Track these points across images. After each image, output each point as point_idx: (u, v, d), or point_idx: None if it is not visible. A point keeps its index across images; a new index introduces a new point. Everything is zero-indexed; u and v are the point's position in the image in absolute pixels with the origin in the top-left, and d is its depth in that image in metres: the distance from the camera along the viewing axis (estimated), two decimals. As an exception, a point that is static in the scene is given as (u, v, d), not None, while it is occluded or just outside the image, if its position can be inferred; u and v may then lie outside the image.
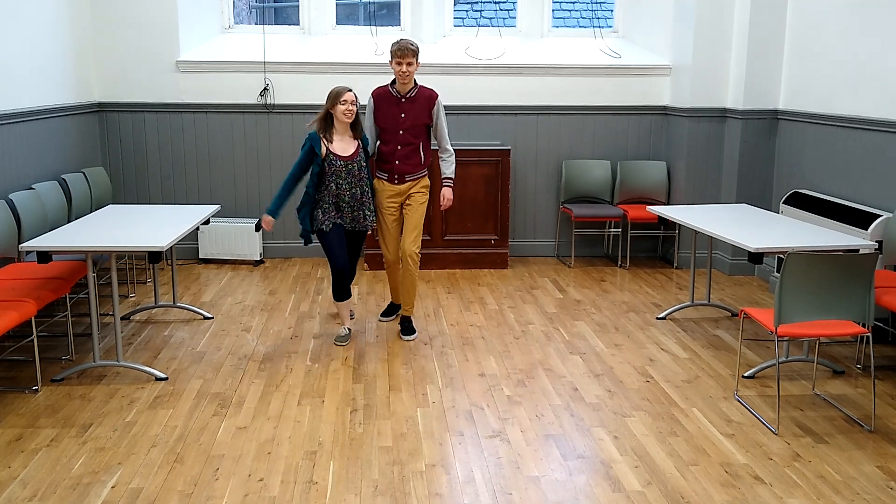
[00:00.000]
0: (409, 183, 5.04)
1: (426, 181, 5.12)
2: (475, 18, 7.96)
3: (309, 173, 4.87)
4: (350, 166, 4.83)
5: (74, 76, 6.45)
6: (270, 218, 4.91)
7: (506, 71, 7.09)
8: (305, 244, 5.03)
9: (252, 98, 6.95)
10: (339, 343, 5.01)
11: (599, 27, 7.50)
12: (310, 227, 4.92)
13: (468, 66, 7.06)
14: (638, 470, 3.47)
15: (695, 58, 6.69)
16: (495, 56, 7.15)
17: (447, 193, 5.10)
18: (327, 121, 4.85)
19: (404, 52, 4.80)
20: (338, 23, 7.37)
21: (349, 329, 5.10)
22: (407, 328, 5.19)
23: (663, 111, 7.23)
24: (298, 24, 7.34)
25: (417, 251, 5.05)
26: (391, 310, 5.52)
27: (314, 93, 5.16)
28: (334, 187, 4.84)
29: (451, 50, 7.18)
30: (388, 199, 5.06)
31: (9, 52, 5.40)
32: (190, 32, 6.94)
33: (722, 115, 6.77)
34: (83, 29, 6.61)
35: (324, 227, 4.87)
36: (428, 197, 5.13)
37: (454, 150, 5.15)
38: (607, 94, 7.18)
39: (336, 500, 3.21)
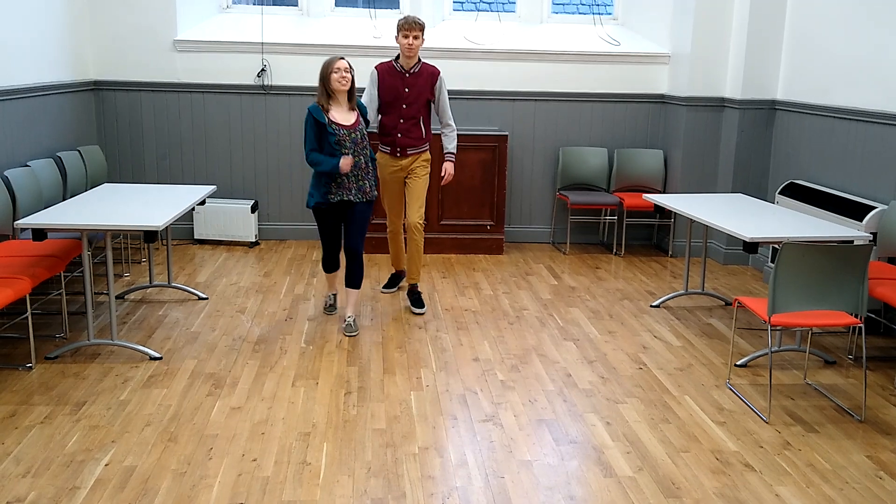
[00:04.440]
0: (410, 157, 5.19)
1: (427, 155, 5.27)
2: (474, 3, 7.92)
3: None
4: (353, 135, 4.73)
5: (71, 54, 6.41)
6: (348, 158, 4.66)
7: (504, 56, 7.07)
8: (308, 206, 4.86)
9: (249, 79, 6.92)
10: (328, 312, 5.23)
11: (599, 14, 7.48)
12: (318, 197, 4.76)
13: (467, 50, 7.03)
14: (629, 456, 3.49)
15: (694, 46, 6.68)
16: (494, 41, 7.12)
17: (448, 168, 5.25)
18: (325, 93, 4.71)
19: (411, 26, 5.00)
20: (336, 5, 7.33)
21: (334, 294, 5.30)
22: (417, 300, 5.34)
23: (661, 100, 7.23)
24: (297, 6, 7.30)
25: (422, 221, 5.23)
26: (393, 281, 5.74)
27: (312, 75, 5.12)
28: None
29: (449, 34, 7.15)
30: (391, 174, 5.23)
31: (5, 29, 5.36)
32: (187, 11, 6.89)
33: (720, 104, 6.77)
34: (80, 6, 6.56)
35: (330, 198, 4.74)
36: (429, 170, 5.30)
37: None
38: (606, 81, 7.17)
39: (329, 481, 3.22)
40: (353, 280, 4.98)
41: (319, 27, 7.14)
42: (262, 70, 6.90)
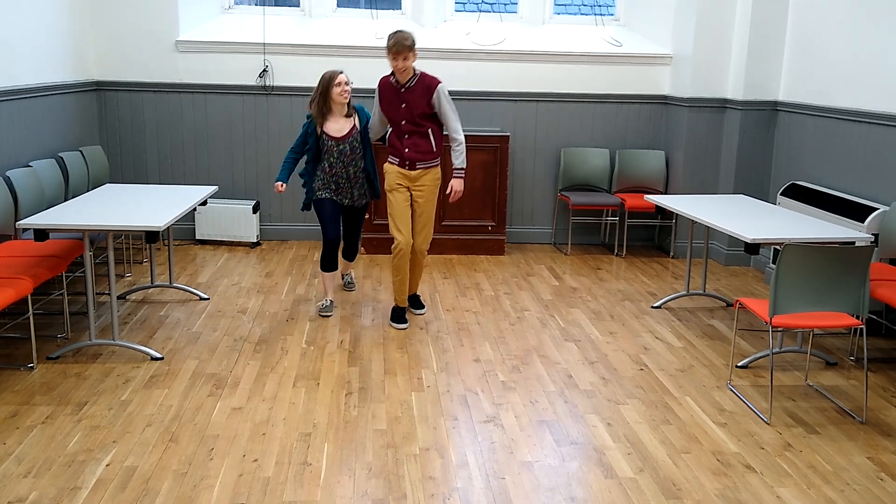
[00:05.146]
0: (419, 171, 4.98)
1: (437, 173, 5.03)
2: (476, 3, 7.91)
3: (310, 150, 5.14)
4: (342, 147, 4.99)
5: (73, 54, 6.42)
6: (280, 183, 5.11)
7: (506, 57, 7.07)
8: (302, 209, 5.31)
9: (251, 80, 6.93)
10: (323, 314, 5.20)
11: (601, 15, 7.48)
12: (312, 195, 5.17)
13: (469, 51, 7.04)
14: (630, 457, 3.49)
15: (696, 47, 6.68)
16: (496, 42, 7.12)
17: (456, 185, 4.98)
18: (322, 103, 5.00)
19: (399, 49, 4.75)
20: (338, 5, 7.33)
21: (331, 300, 5.32)
22: (416, 303, 5.37)
23: (663, 100, 7.22)
24: (299, 6, 7.30)
25: (427, 247, 5.15)
26: (400, 315, 5.12)
27: (313, 75, 5.15)
28: (327, 166, 5.08)
29: (451, 35, 7.16)
30: (398, 184, 5.00)
31: (7, 29, 5.37)
32: (189, 12, 6.90)
33: (721, 105, 6.77)
34: (82, 6, 6.57)
35: (319, 194, 5.12)
36: (438, 193, 5.06)
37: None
38: (607, 82, 7.17)
39: (330, 481, 3.23)
40: (351, 256, 5.64)
41: (321, 28, 7.14)
42: (264, 71, 6.91)
